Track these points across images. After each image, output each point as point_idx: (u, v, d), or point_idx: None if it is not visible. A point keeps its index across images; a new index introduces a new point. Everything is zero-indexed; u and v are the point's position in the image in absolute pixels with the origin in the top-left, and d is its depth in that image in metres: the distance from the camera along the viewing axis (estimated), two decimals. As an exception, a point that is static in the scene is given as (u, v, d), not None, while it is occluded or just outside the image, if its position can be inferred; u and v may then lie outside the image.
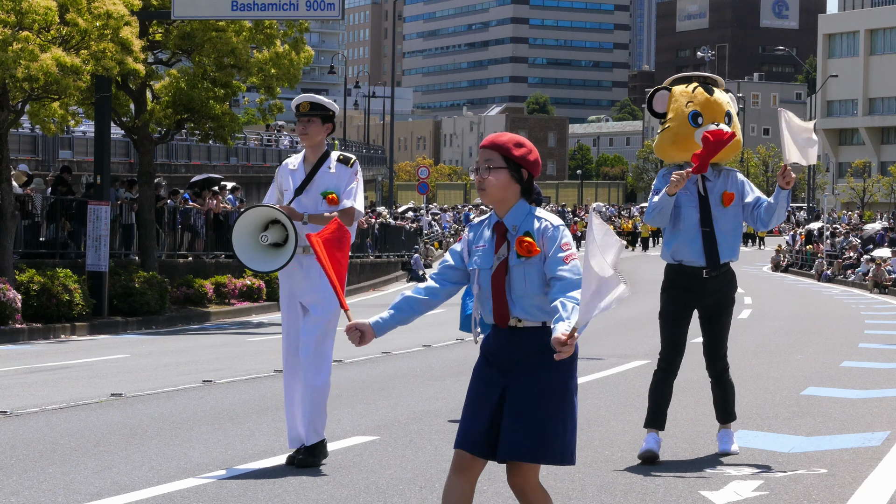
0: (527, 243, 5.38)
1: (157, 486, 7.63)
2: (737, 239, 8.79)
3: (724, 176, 8.82)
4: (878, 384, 13.72)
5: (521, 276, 5.40)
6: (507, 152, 5.46)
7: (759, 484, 7.79)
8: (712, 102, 8.86)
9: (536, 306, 5.40)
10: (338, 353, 17.38)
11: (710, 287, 8.71)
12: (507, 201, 5.48)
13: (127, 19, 22.23)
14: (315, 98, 8.62)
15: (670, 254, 8.81)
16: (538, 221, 5.46)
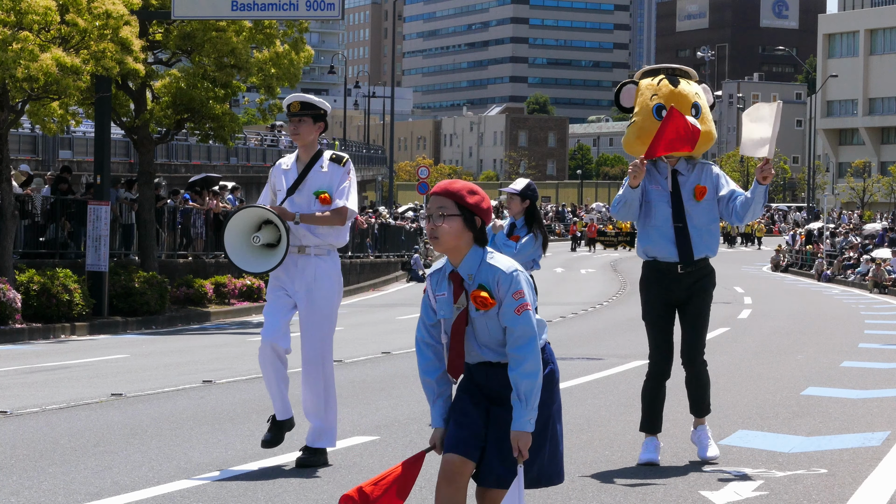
0: (482, 298, 5.32)
1: (157, 486, 7.63)
2: (712, 234, 8.57)
3: (698, 170, 8.59)
4: (878, 384, 13.72)
5: (483, 326, 5.36)
6: (460, 199, 5.37)
7: (759, 484, 7.79)
8: (676, 94, 8.59)
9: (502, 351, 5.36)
10: (337, 353, 17.38)
11: (685, 282, 8.52)
12: (461, 249, 5.39)
13: (127, 19, 22.24)
14: (306, 97, 8.52)
15: (643, 250, 8.63)
16: (494, 273, 5.36)
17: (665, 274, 8.50)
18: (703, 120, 8.56)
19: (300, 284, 8.44)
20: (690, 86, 8.68)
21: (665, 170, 8.51)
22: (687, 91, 8.62)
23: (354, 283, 39.48)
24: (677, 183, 8.49)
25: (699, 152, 8.50)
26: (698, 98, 8.66)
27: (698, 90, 8.71)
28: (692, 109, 8.54)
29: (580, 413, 11.09)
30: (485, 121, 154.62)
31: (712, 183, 8.55)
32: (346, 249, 39.89)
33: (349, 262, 39.89)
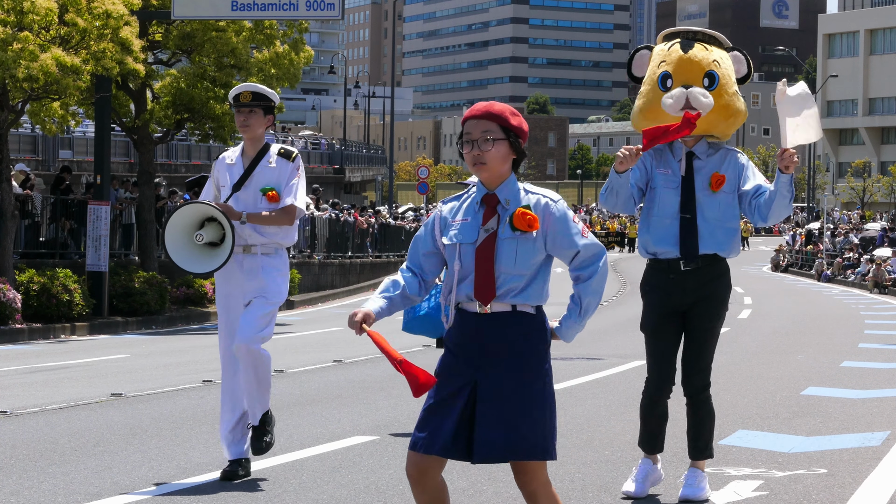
0: (530, 217, 5.00)
1: (157, 486, 7.63)
2: (726, 230, 7.21)
3: (721, 155, 7.28)
4: (878, 384, 13.72)
5: (511, 251, 5.02)
6: (505, 122, 5.06)
7: (759, 484, 7.79)
8: (685, 61, 7.26)
9: (515, 288, 5.04)
10: (338, 353, 17.40)
11: (690, 283, 7.18)
12: (504, 175, 5.09)
13: (127, 19, 22.24)
14: (257, 87, 8.02)
15: (643, 245, 7.35)
16: (535, 196, 5.11)
17: (666, 274, 7.23)
18: (719, 92, 7.26)
19: (249, 286, 7.98)
20: (708, 51, 7.32)
21: (680, 151, 7.25)
22: (700, 57, 7.28)
23: (354, 283, 39.47)
24: (692, 168, 7.22)
25: (726, 132, 7.34)
26: (716, 66, 7.28)
27: (721, 57, 7.35)
28: (704, 79, 7.24)
29: (580, 413, 11.08)
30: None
31: (735, 173, 7.24)
32: (346, 249, 39.90)
33: (349, 262, 39.88)
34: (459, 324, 5.11)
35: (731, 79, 7.32)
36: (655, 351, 7.30)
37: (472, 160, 5.06)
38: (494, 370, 5.02)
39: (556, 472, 8.05)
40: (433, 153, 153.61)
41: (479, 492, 7.55)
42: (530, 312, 5.07)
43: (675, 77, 7.24)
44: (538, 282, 5.09)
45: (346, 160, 72.39)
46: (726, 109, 7.25)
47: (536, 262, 5.06)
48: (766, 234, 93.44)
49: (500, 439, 4.96)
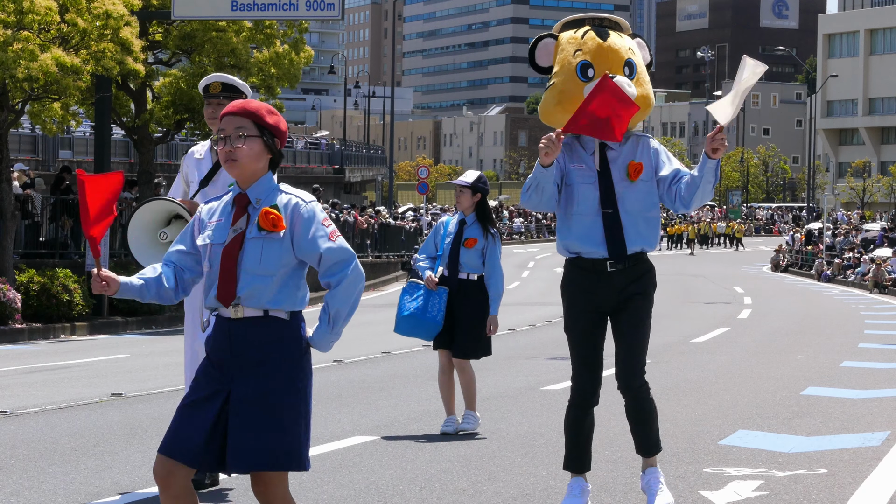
0: (273, 216, 4.88)
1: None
2: (650, 223, 6.80)
3: (632, 143, 6.82)
4: (878, 384, 13.72)
5: (256, 251, 4.90)
6: (260, 119, 4.95)
7: (759, 484, 7.79)
8: (606, 49, 6.83)
9: (262, 291, 4.89)
10: (338, 353, 17.39)
11: (617, 283, 6.75)
12: (257, 174, 4.97)
13: (127, 19, 22.24)
14: (227, 78, 7.75)
15: (565, 245, 6.82)
16: (287, 196, 4.96)
17: (591, 274, 6.77)
18: (639, 82, 6.88)
19: None
20: (623, 39, 6.94)
21: (591, 144, 6.77)
22: (618, 45, 6.87)
23: (354, 283, 39.42)
24: (606, 159, 6.75)
25: (634, 122, 6.83)
26: (632, 54, 6.91)
27: (631, 45, 6.97)
28: (625, 68, 6.83)
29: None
30: (485, 121, 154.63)
31: (650, 159, 6.79)
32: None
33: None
34: (215, 329, 4.98)
35: (643, 67, 6.97)
36: (583, 356, 6.82)
37: (223, 157, 4.96)
38: (247, 377, 4.88)
39: (556, 472, 8.05)
40: (433, 153, 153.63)
41: (479, 492, 7.56)
42: (283, 318, 4.92)
43: (597, 66, 6.77)
44: (290, 286, 4.93)
45: (346, 160, 72.41)
46: (645, 100, 6.85)
47: (286, 265, 4.92)
48: (766, 234, 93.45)
49: (250, 449, 4.82)
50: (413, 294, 9.87)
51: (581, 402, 6.84)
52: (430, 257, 10.04)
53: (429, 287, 9.84)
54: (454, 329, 9.80)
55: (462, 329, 9.78)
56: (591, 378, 6.82)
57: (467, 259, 9.85)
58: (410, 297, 9.87)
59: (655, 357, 16.82)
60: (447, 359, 9.88)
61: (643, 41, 7.10)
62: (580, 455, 6.87)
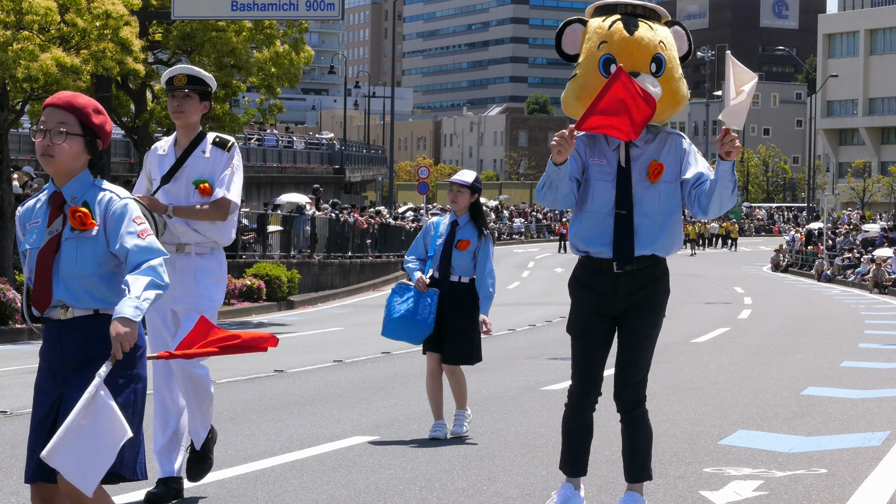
0: (80, 214, 4.68)
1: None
2: (668, 227, 6.38)
3: (660, 141, 6.42)
4: (878, 384, 13.72)
5: (72, 251, 4.70)
6: (86, 118, 4.76)
7: (759, 484, 7.78)
8: (631, 44, 6.33)
9: (86, 290, 4.71)
10: (338, 353, 17.39)
11: (624, 287, 6.39)
12: (74, 173, 4.77)
13: (127, 19, 22.25)
14: (193, 70, 7.35)
15: (575, 244, 6.50)
16: (102, 193, 4.78)
17: (597, 274, 6.43)
18: (667, 78, 6.39)
19: (180, 289, 7.24)
20: (654, 31, 6.41)
21: (615, 139, 6.38)
22: (647, 39, 6.36)
23: (355, 283, 39.47)
24: (629, 157, 6.37)
25: (664, 117, 6.44)
26: (662, 49, 6.39)
27: (665, 36, 6.46)
28: (651, 64, 6.35)
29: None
30: (485, 121, 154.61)
31: (676, 159, 6.39)
32: (346, 249, 39.88)
33: (349, 262, 39.88)
34: (45, 334, 4.78)
35: (676, 61, 6.47)
36: (582, 355, 6.50)
37: (40, 150, 4.73)
38: (76, 381, 4.69)
39: (556, 473, 8.05)
40: (433, 153, 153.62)
41: (479, 492, 7.56)
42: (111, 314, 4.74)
43: (620, 62, 6.30)
44: (118, 282, 4.77)
45: (346, 160, 72.43)
46: (673, 97, 6.39)
47: (106, 262, 4.76)
48: (766, 234, 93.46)
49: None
50: (403, 296, 9.61)
51: (575, 403, 6.54)
52: (419, 258, 9.78)
53: (419, 289, 9.58)
54: (444, 333, 9.55)
55: (452, 333, 9.53)
56: (589, 379, 6.48)
57: (459, 261, 9.59)
58: (400, 299, 9.61)
59: (655, 357, 16.80)
60: (436, 362, 9.64)
61: (682, 29, 6.61)
62: (574, 457, 6.60)
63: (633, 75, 6.21)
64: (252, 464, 8.43)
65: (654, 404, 11.71)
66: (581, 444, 6.58)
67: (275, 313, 28.76)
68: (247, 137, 58.38)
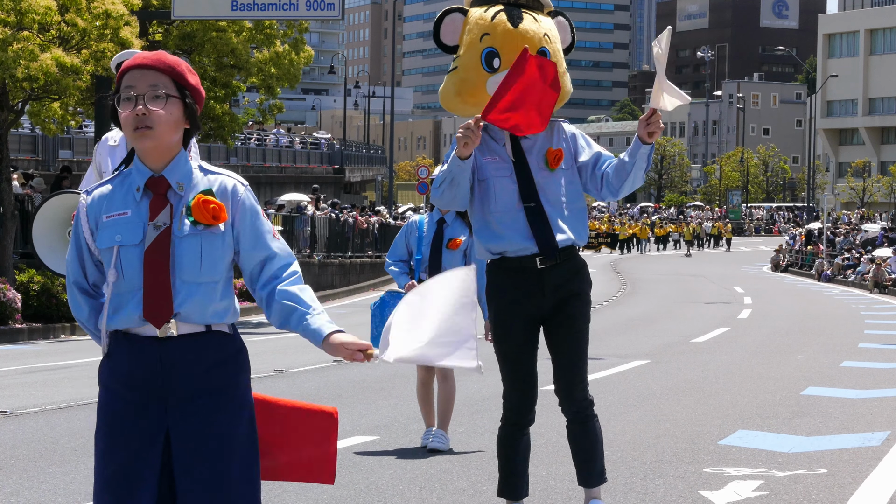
0: (214, 206, 3.83)
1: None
2: (577, 215, 6.04)
3: (549, 129, 6.05)
4: (878, 384, 13.72)
5: (194, 252, 3.83)
6: (181, 78, 3.85)
7: (759, 484, 7.78)
8: (516, 37, 5.97)
9: (203, 300, 3.85)
10: (338, 353, 17.37)
11: (549, 281, 5.96)
12: (172, 148, 3.88)
13: (127, 19, 22.25)
14: None
15: (486, 247, 6.04)
16: (217, 178, 3.91)
17: (518, 274, 5.98)
18: None
19: None
20: (539, 23, 6.09)
21: (501, 134, 6.00)
22: (532, 32, 6.02)
23: (355, 283, 39.47)
24: (521, 149, 5.98)
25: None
26: (546, 42, 6.06)
27: (549, 28, 6.14)
28: None
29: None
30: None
31: (568, 145, 6.05)
32: (346, 249, 39.91)
33: (349, 262, 39.89)
34: (130, 354, 3.84)
35: (560, 55, 6.16)
36: (514, 368, 6.04)
37: (133, 122, 3.81)
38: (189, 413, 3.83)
39: (556, 472, 8.06)
40: (433, 153, 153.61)
41: (479, 492, 7.56)
42: (227, 332, 3.94)
43: (504, 56, 5.95)
44: (229, 291, 3.99)
45: (346, 160, 72.44)
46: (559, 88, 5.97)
47: (227, 266, 3.97)
48: (766, 234, 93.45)
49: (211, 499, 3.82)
50: (395, 305, 9.11)
51: (515, 421, 6.09)
52: (402, 260, 9.11)
53: None
54: None
55: None
56: (525, 395, 6.06)
57: (451, 261, 8.91)
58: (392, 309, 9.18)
59: (655, 357, 16.83)
60: (426, 371, 9.09)
61: (565, 20, 6.36)
62: (516, 481, 6.15)
63: None
64: (252, 464, 8.42)
65: (654, 404, 11.74)
66: (523, 462, 6.17)
67: (275, 313, 28.78)
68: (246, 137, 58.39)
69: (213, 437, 3.83)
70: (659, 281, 41.74)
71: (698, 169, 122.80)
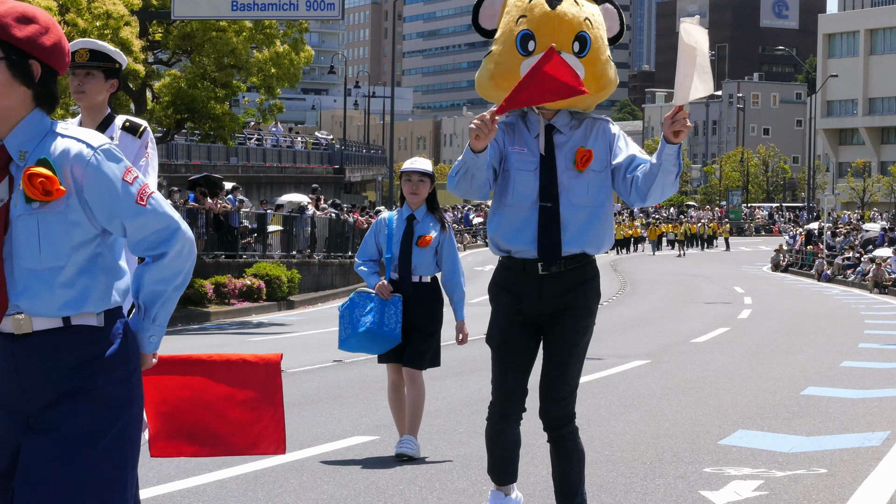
0: (42, 178, 3.22)
1: (157, 486, 7.63)
2: (598, 221, 5.70)
3: (586, 127, 5.74)
4: (878, 384, 13.72)
5: (31, 233, 3.24)
6: (4, 32, 3.22)
7: (759, 484, 7.79)
8: (552, 20, 5.61)
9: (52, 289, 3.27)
10: (338, 353, 17.38)
11: (550, 290, 5.69)
12: (12, 114, 3.28)
13: (127, 19, 22.27)
14: (97, 44, 6.46)
15: (494, 242, 5.79)
16: (61, 141, 3.29)
17: (520, 277, 5.73)
18: (592, 59, 5.69)
19: None
20: (580, 7, 5.71)
21: (537, 125, 5.75)
22: (571, 15, 5.65)
23: (354, 283, 39.47)
24: (552, 144, 5.70)
25: (586, 103, 5.77)
26: (587, 27, 5.67)
27: (592, 13, 5.75)
28: (574, 43, 5.64)
29: (580, 413, 11.04)
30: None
31: (605, 146, 5.72)
32: (346, 249, 39.91)
33: (349, 262, 39.91)
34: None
35: (603, 41, 5.77)
36: (502, 368, 5.84)
37: None
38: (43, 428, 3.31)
39: (556, 472, 8.06)
40: (433, 153, 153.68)
41: (479, 492, 7.56)
42: (93, 325, 3.37)
43: (539, 39, 5.63)
44: (97, 271, 3.36)
45: (346, 160, 72.48)
46: (598, 81, 5.71)
47: (83, 244, 3.33)
48: (766, 234, 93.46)
49: None
50: (365, 306, 8.52)
51: (499, 419, 5.89)
52: (371, 260, 8.69)
53: (382, 296, 8.48)
54: (408, 339, 8.52)
55: (417, 337, 8.50)
56: (510, 394, 5.86)
57: (421, 259, 8.53)
58: (362, 310, 8.52)
59: (655, 357, 16.83)
60: (398, 374, 8.64)
61: (613, 7, 5.91)
62: (500, 467, 5.95)
63: None
64: (252, 464, 8.43)
65: (654, 404, 11.74)
66: (509, 455, 5.93)
67: (275, 313, 28.76)
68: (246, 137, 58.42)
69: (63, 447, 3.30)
70: (659, 281, 41.73)
71: (698, 169, 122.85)
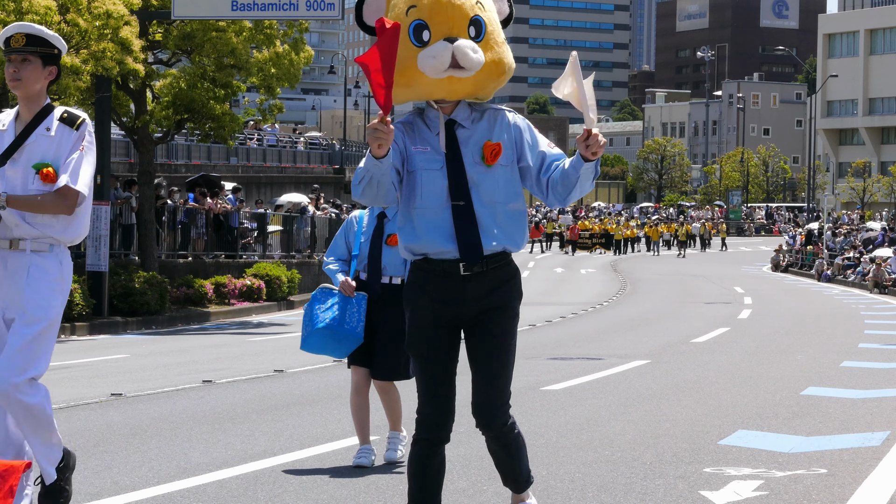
0: None
1: (157, 486, 7.63)
2: (513, 217, 5.49)
3: (489, 119, 5.51)
4: (878, 384, 13.72)
5: None
6: None
7: (759, 484, 7.78)
8: (445, 5, 5.36)
9: None
10: (338, 353, 17.37)
11: (472, 291, 5.45)
12: None
13: (127, 19, 22.26)
14: (34, 28, 6.08)
15: (408, 247, 5.51)
16: None
17: (440, 280, 5.46)
18: (489, 43, 5.43)
19: (9, 293, 6.20)
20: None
21: (436, 122, 5.54)
22: (462, 0, 5.41)
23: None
24: (455, 139, 5.46)
25: (488, 90, 5.51)
26: (480, 10, 5.44)
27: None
28: (470, 28, 5.38)
29: (580, 413, 11.08)
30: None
31: (511, 139, 5.50)
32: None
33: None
34: None
35: (497, 25, 5.51)
36: (434, 381, 5.51)
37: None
38: None
39: (556, 472, 8.06)
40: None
41: (479, 492, 7.56)
42: None
43: (434, 27, 5.36)
44: None
45: (346, 160, 72.45)
46: (497, 66, 5.44)
47: None
48: (766, 234, 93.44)
49: None
50: (326, 302, 8.24)
51: (428, 437, 5.59)
52: (340, 259, 8.43)
53: (345, 293, 8.20)
54: (374, 343, 8.27)
55: (385, 344, 8.24)
56: (440, 408, 5.54)
57: (391, 259, 8.22)
58: (323, 306, 8.24)
59: (655, 357, 16.83)
60: (363, 377, 8.42)
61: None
62: (431, 494, 5.72)
63: (449, 41, 5.34)
64: (252, 464, 8.43)
65: (654, 404, 11.74)
66: (435, 484, 5.70)
67: (275, 313, 28.76)
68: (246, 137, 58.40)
69: None
70: (659, 281, 41.73)
71: (698, 169, 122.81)
